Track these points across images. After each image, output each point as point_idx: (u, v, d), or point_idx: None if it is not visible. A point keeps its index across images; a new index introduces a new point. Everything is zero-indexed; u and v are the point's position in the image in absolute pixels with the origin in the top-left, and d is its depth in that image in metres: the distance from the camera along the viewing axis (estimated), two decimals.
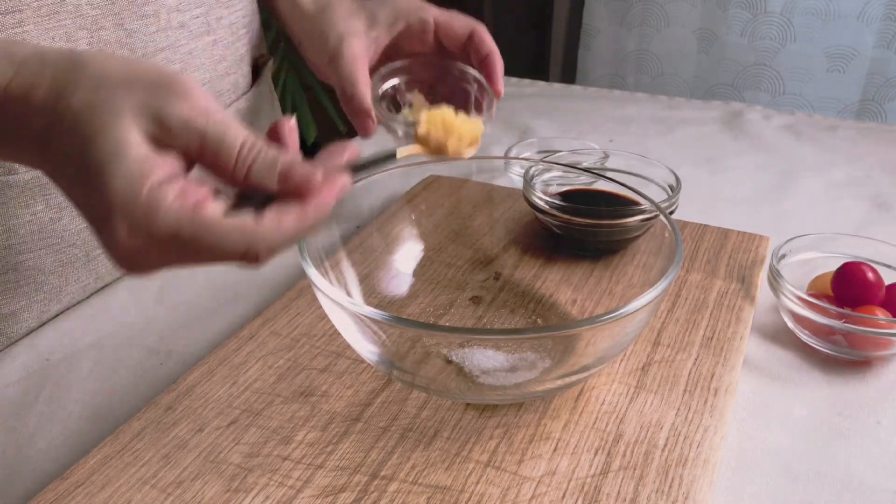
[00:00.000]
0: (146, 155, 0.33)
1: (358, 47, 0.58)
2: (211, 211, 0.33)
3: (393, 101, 0.60)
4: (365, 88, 0.56)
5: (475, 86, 0.59)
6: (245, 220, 0.33)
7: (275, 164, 0.34)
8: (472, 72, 0.59)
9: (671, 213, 0.60)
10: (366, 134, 0.57)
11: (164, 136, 0.34)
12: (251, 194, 0.35)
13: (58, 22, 0.52)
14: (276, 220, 0.34)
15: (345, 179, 0.36)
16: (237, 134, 0.34)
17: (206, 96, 0.35)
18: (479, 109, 0.58)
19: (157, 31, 0.58)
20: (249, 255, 0.34)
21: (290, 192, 0.34)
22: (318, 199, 0.35)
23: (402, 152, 0.43)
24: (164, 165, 0.33)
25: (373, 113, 0.56)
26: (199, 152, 0.34)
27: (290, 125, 0.38)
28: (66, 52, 0.36)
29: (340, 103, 0.58)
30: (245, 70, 0.72)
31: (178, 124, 0.34)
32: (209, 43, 0.64)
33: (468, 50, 0.61)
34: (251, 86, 0.74)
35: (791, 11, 1.62)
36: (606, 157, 0.72)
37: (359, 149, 0.39)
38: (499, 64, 0.60)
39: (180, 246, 0.33)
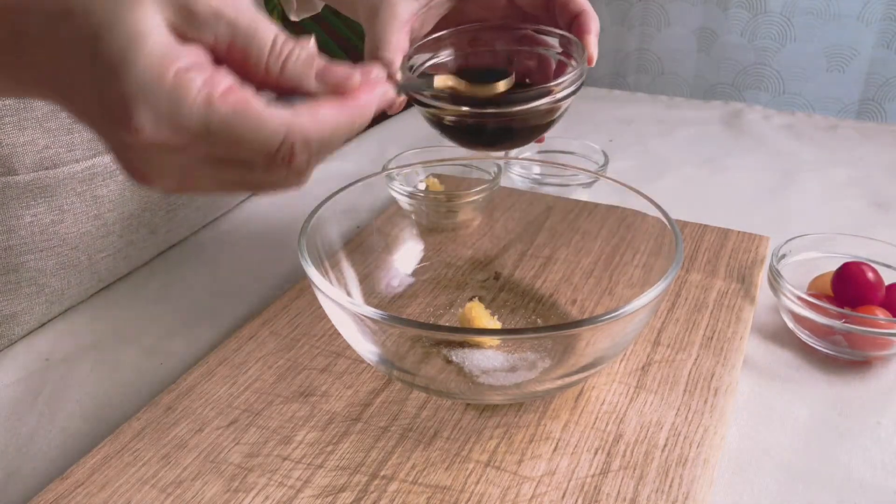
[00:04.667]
0: (169, 42, 0.30)
1: (401, 9, 0.49)
2: (241, 96, 0.30)
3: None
4: (391, 54, 0.48)
5: (555, 49, 0.52)
6: (279, 109, 0.30)
7: (311, 60, 0.31)
8: (553, 31, 0.52)
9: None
10: (388, 109, 0.49)
11: (190, 26, 0.30)
12: (283, 97, 0.32)
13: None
14: (313, 111, 0.31)
15: (387, 87, 0.33)
16: (270, 27, 0.31)
17: None
18: (559, 75, 0.52)
19: None
20: (284, 150, 0.30)
21: (329, 91, 0.32)
22: (358, 98, 0.32)
23: (439, 81, 0.39)
24: (189, 54, 0.30)
25: (396, 82, 0.46)
26: (228, 46, 0.31)
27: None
28: None
29: None
30: None
31: (206, 12, 0.30)
32: None
33: (551, 10, 0.52)
34: None
35: (791, 11, 1.62)
36: (606, 157, 0.72)
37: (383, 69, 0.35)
38: (593, 24, 0.50)
39: (209, 140, 0.30)
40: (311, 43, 0.33)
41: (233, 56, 0.31)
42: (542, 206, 0.63)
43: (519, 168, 0.71)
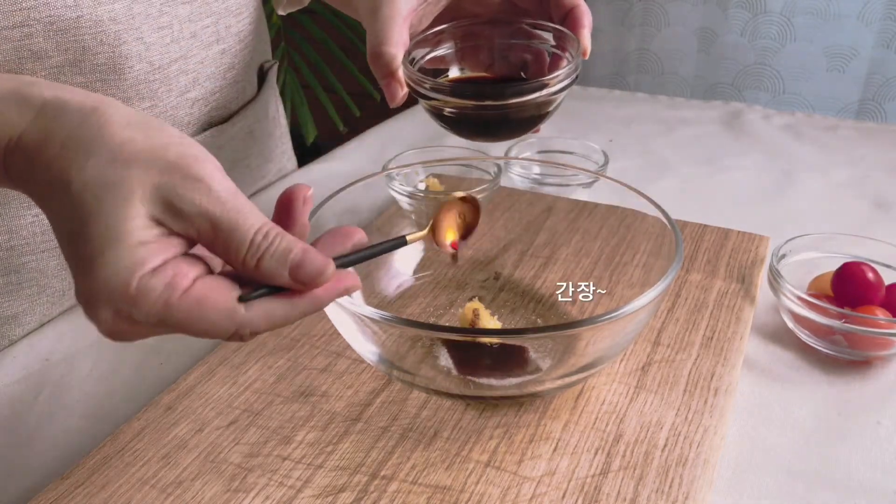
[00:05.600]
0: (145, 242, 0.32)
1: (402, 5, 0.50)
2: (200, 293, 0.32)
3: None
4: (394, 49, 0.49)
5: (549, 43, 0.53)
6: (233, 306, 0.33)
7: (286, 256, 0.33)
8: (547, 26, 0.52)
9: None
10: (392, 101, 0.50)
11: (174, 222, 0.33)
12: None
13: (74, 36, 0.51)
14: (268, 310, 0.33)
15: (352, 281, 0.35)
16: (252, 222, 0.33)
17: (224, 181, 0.34)
18: (554, 68, 0.53)
19: (171, 42, 0.58)
20: (233, 338, 0.33)
21: (300, 284, 0.33)
22: (316, 293, 0.34)
23: (412, 238, 0.42)
24: (162, 251, 0.32)
25: (400, 76, 0.49)
26: (210, 239, 0.33)
27: (307, 196, 0.36)
28: (88, 106, 0.34)
29: (369, 65, 0.51)
30: (252, 77, 0.72)
31: (191, 211, 0.32)
32: (219, 52, 0.64)
33: (545, 5, 0.54)
34: (257, 91, 0.73)
35: (791, 11, 1.62)
36: (606, 157, 0.72)
37: (365, 235, 0.38)
38: (586, 18, 0.52)
39: (166, 329, 0.33)
40: (308, 192, 0.36)
41: (214, 246, 0.34)
42: (542, 206, 0.63)
43: (519, 168, 0.71)
